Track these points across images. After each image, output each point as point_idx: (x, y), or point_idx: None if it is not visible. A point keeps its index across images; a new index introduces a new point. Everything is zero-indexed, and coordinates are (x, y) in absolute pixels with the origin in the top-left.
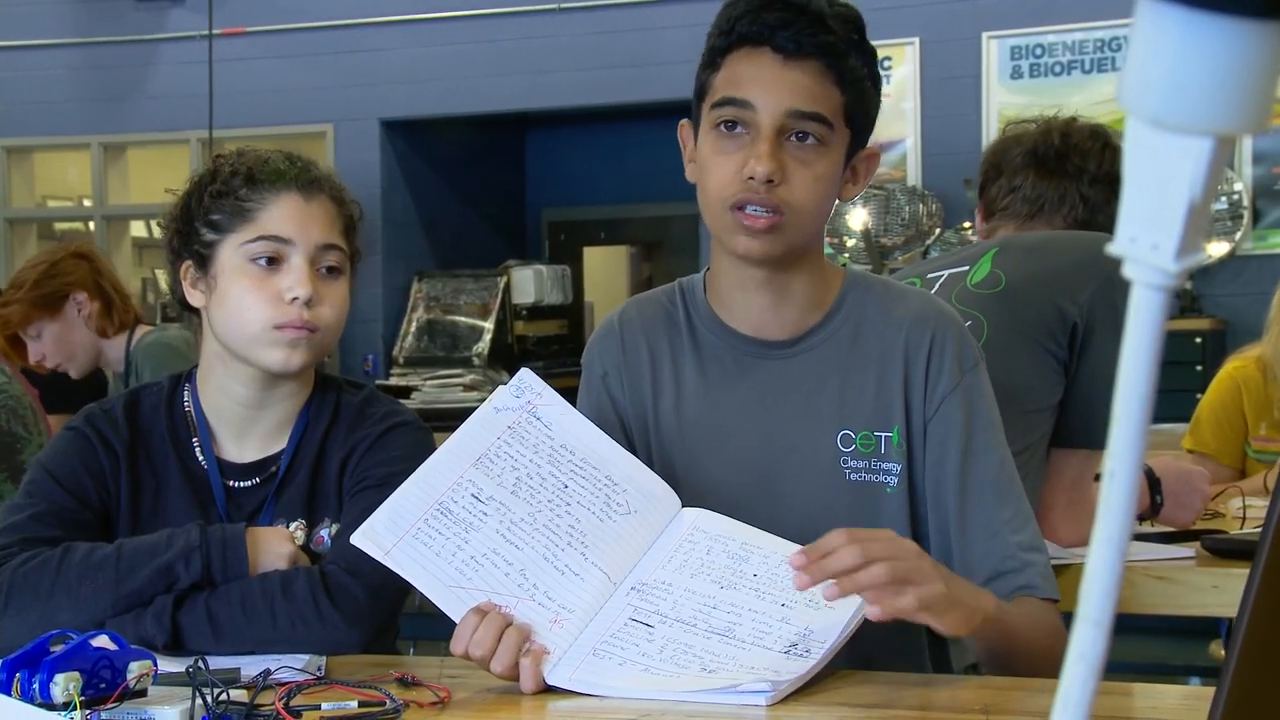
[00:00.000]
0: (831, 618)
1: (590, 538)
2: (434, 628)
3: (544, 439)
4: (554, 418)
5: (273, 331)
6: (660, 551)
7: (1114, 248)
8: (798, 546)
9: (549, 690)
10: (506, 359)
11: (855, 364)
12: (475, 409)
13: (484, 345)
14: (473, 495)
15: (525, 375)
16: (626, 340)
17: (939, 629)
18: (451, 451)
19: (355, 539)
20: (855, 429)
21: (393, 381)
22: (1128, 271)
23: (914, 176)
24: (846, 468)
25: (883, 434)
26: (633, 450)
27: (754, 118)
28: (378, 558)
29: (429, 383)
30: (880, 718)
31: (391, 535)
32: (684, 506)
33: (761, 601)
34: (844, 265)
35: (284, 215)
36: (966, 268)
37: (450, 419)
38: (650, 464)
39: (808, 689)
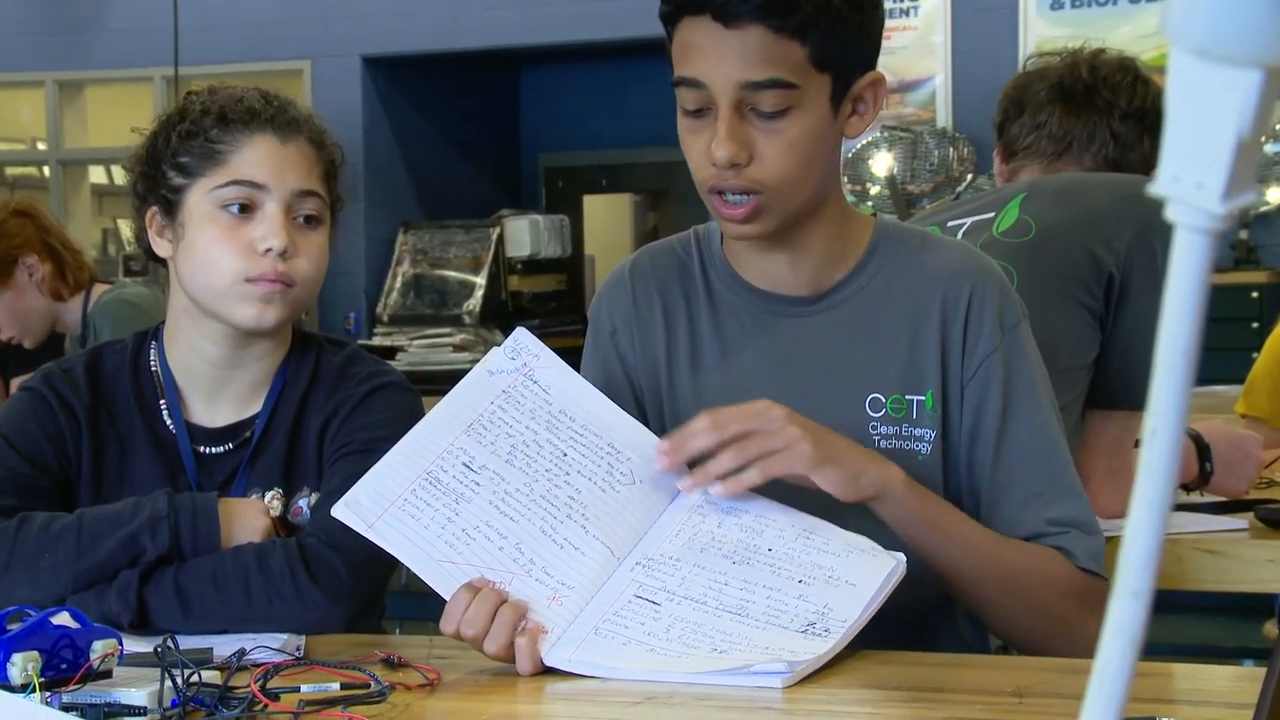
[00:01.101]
0: (852, 595)
1: (591, 509)
2: (422, 606)
3: (541, 404)
4: (552, 380)
5: (245, 285)
6: (667, 525)
7: (1155, 188)
8: (819, 522)
9: (546, 672)
10: (500, 317)
11: (886, 322)
12: (466, 371)
13: (475, 302)
14: (464, 464)
15: (521, 335)
16: (638, 293)
17: (825, 488)
18: (441, 417)
19: (336, 511)
20: (885, 392)
21: (376, 341)
22: (1170, 213)
23: (943, 117)
24: (875, 434)
25: (915, 398)
26: (643, 415)
27: (708, 96)
28: (361, 531)
29: (416, 343)
30: (905, 701)
31: (376, 507)
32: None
33: (777, 578)
34: (873, 214)
35: (258, 159)
36: (992, 214)
37: (439, 381)
38: (662, 430)
39: (826, 670)
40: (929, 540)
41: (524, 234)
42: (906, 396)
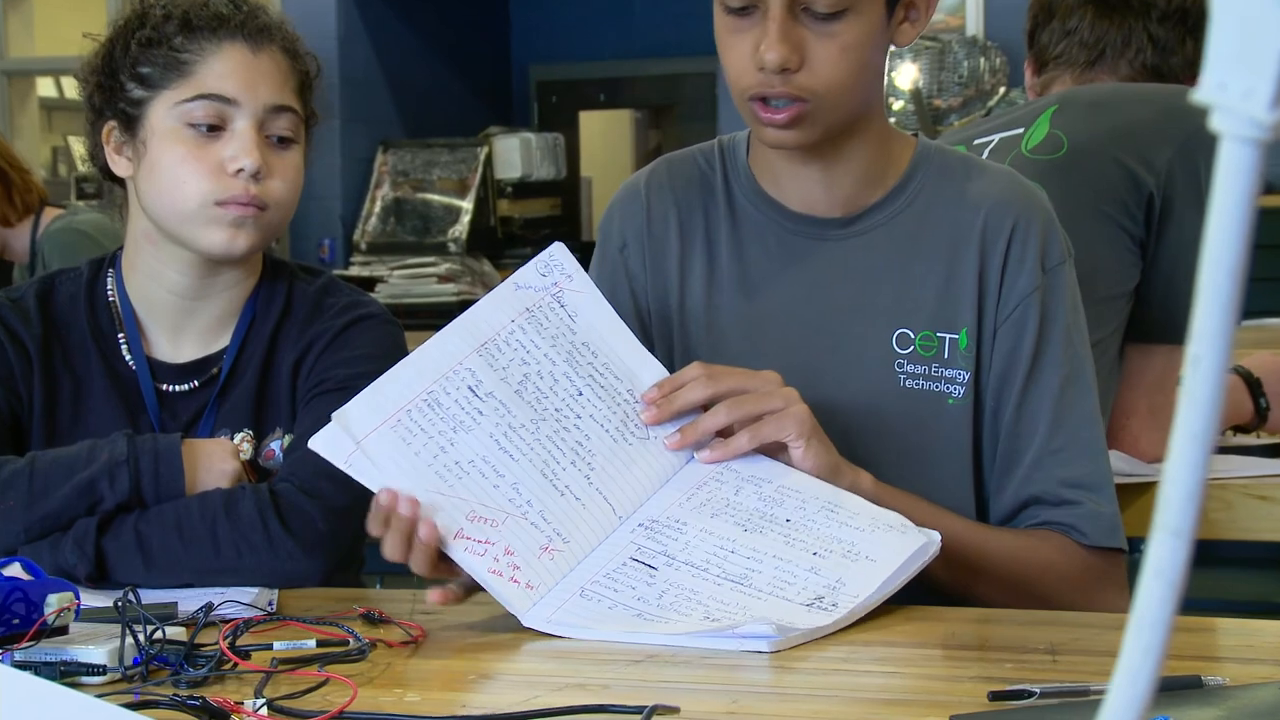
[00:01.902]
0: (870, 570)
1: (599, 459)
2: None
3: (564, 331)
4: (580, 307)
5: (214, 208)
6: (679, 487)
7: (1199, 95)
8: (848, 496)
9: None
10: (488, 245)
11: (921, 251)
12: (452, 304)
13: (461, 229)
14: (469, 388)
15: (558, 250)
16: (653, 207)
17: (804, 466)
18: (454, 331)
19: (323, 435)
20: (915, 328)
21: (353, 272)
22: (1215, 123)
23: (974, 25)
24: (902, 373)
25: (947, 336)
26: (649, 341)
27: None
28: (339, 463)
29: (396, 273)
30: (929, 660)
31: (366, 424)
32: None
33: (790, 549)
34: (915, 134)
35: (227, 70)
36: (1021, 130)
37: (422, 315)
38: (670, 358)
39: (859, 624)
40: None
41: (514, 154)
42: (938, 334)
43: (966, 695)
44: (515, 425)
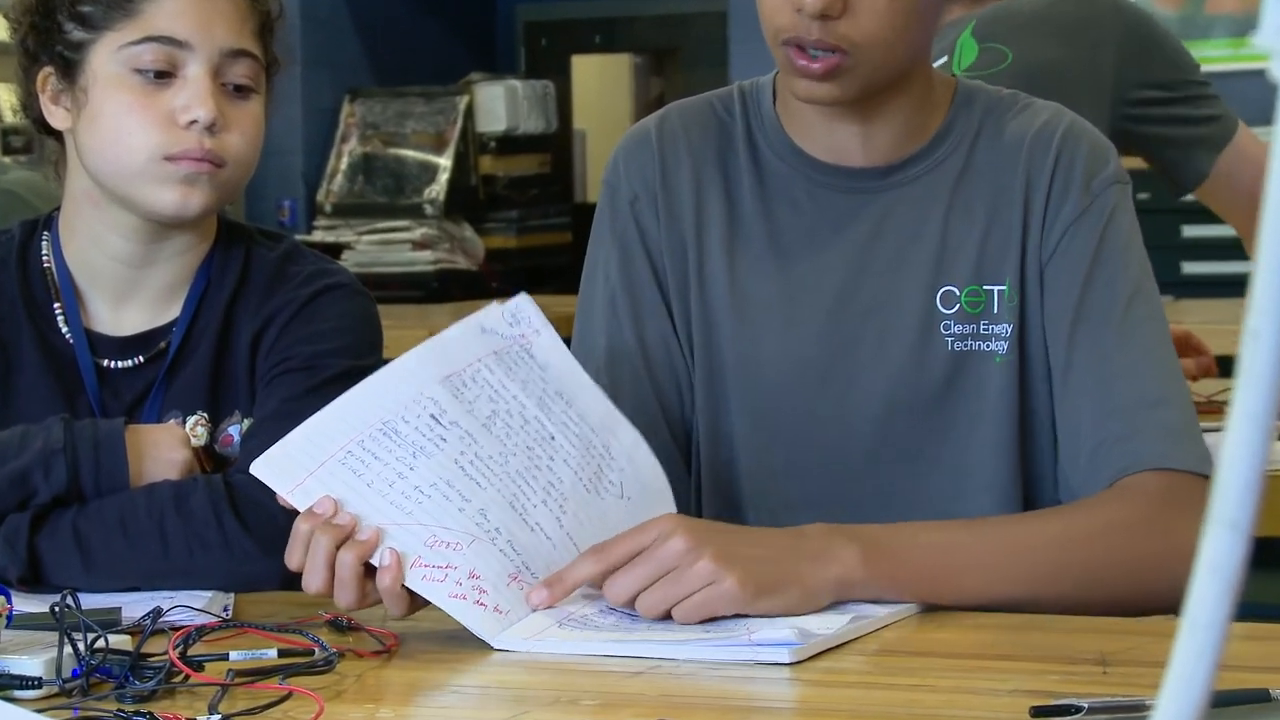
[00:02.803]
0: None
1: (572, 505)
2: None
3: (535, 378)
4: (551, 360)
5: (163, 164)
6: None
7: (1260, 40)
8: None
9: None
10: (469, 207)
11: (963, 199)
12: (427, 273)
13: (439, 189)
14: (431, 416)
15: (523, 303)
16: (666, 157)
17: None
18: (417, 357)
19: (267, 462)
20: (960, 284)
21: (317, 237)
22: (1274, 72)
23: None
24: (948, 334)
25: (993, 288)
26: (667, 307)
27: None
28: (281, 491)
29: (366, 238)
30: (964, 672)
31: (315, 453)
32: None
33: None
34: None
35: (179, 9)
36: (945, 59)
37: (394, 286)
38: (689, 329)
39: (879, 630)
40: (936, 591)
41: (498, 104)
42: (984, 287)
43: (1005, 711)
44: (483, 455)
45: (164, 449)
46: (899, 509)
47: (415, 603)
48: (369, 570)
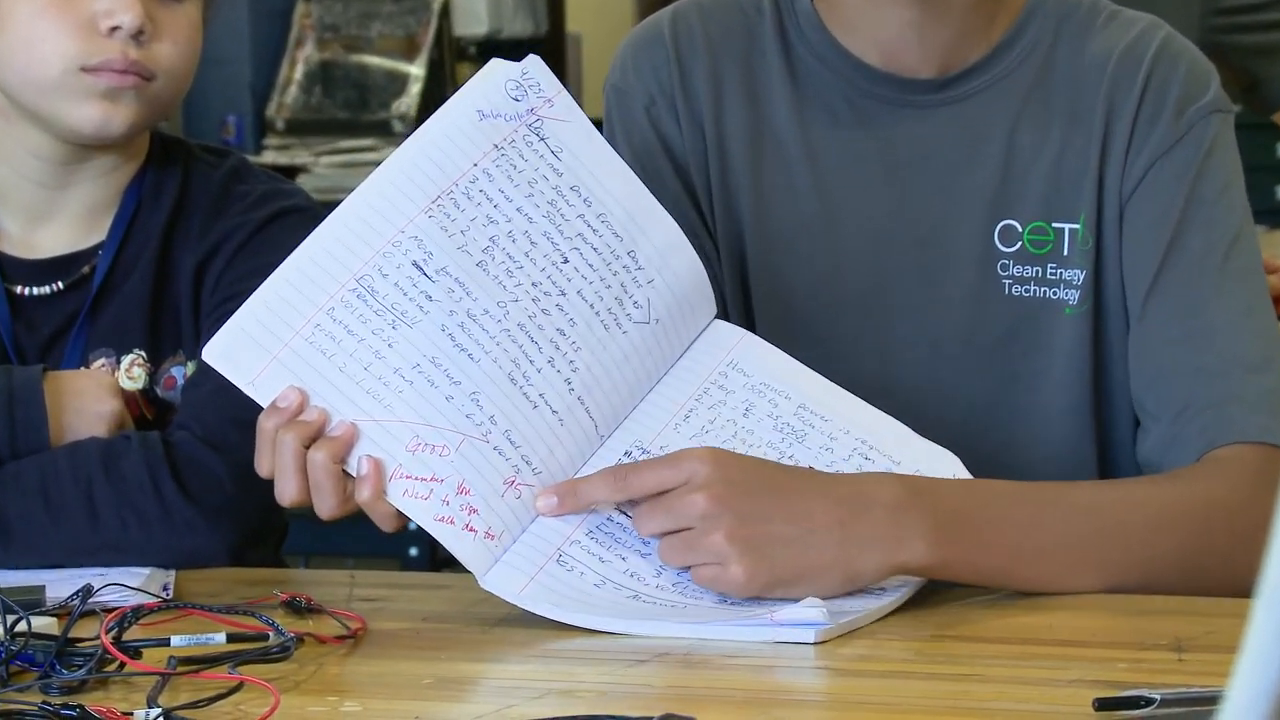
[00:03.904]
0: None
1: (584, 356)
2: (339, 536)
3: (546, 171)
4: (567, 139)
5: (81, 77)
6: (672, 398)
7: None
8: (891, 426)
9: (516, 615)
10: None
11: (1032, 120)
12: None
13: (409, 102)
14: (415, 264)
15: (533, 66)
16: (683, 57)
17: None
18: (396, 174)
19: (221, 344)
20: (1024, 218)
21: (268, 158)
22: None
23: None
24: (1007, 277)
25: (1064, 226)
26: (706, 228)
27: None
28: (241, 381)
29: (325, 160)
30: (1017, 659)
31: (279, 330)
32: (741, 327)
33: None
34: None
35: None
36: None
37: None
38: (706, 256)
39: (903, 617)
40: (1011, 577)
41: (479, 3)
42: (1053, 225)
43: (1066, 703)
44: (476, 312)
45: (90, 399)
46: None
47: (403, 516)
48: (347, 472)
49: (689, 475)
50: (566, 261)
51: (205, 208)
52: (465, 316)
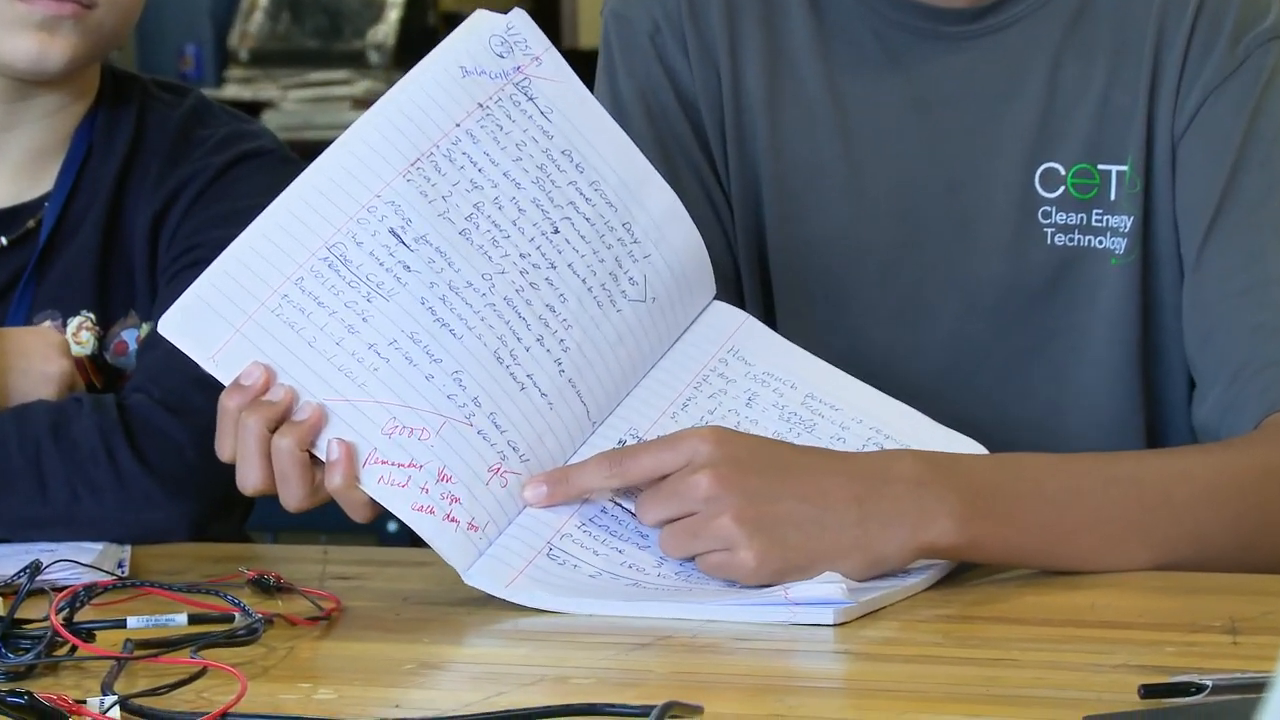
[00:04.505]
0: None
1: (576, 334)
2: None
3: (535, 134)
4: (557, 99)
5: (14, 5)
6: (669, 384)
7: None
8: (907, 414)
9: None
10: (426, 54)
11: (1075, 53)
12: None
13: (387, 30)
14: (393, 231)
15: (518, 20)
16: None
17: None
18: (371, 133)
19: (178, 316)
20: (1067, 161)
21: (229, 93)
22: None
23: None
24: (1049, 225)
25: (1111, 168)
26: (711, 169)
27: None
28: (201, 357)
29: (293, 94)
30: (1056, 642)
31: (242, 300)
32: (740, 308)
33: None
34: None
35: None
36: None
37: None
38: (726, 180)
39: (930, 599)
40: (1050, 555)
41: None
42: (1098, 167)
43: (1108, 690)
44: (459, 285)
45: (36, 359)
46: (983, 440)
47: (377, 505)
48: (317, 457)
49: (690, 456)
50: (557, 232)
51: (162, 153)
52: (447, 289)
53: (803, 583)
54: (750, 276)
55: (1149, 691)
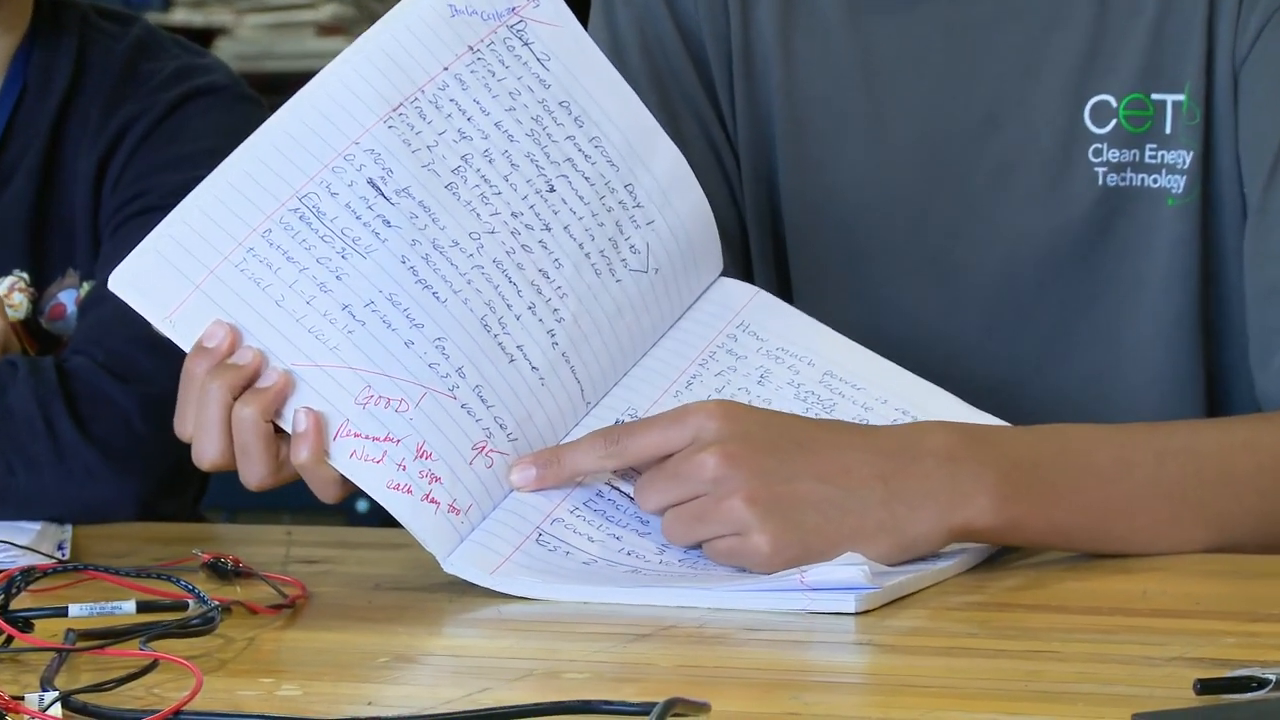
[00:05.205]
0: None
1: (572, 303)
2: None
3: (530, 82)
4: (556, 47)
5: None
6: (672, 362)
7: None
8: (929, 391)
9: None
10: None
11: None
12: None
13: None
14: (371, 182)
15: None
16: None
17: None
18: (349, 74)
19: (129, 271)
20: (1119, 91)
21: (179, 18)
22: None
23: None
24: (1100, 164)
25: (1166, 97)
26: (714, 110)
27: None
28: (155, 318)
29: (250, 20)
30: (1102, 634)
31: (202, 252)
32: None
33: None
34: None
35: None
36: None
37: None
38: (733, 128)
39: (960, 585)
40: (1098, 538)
41: None
42: (1153, 97)
43: (1162, 685)
44: (444, 244)
45: None
46: (1026, 407)
47: (348, 484)
48: (282, 430)
49: (695, 433)
50: (553, 190)
51: (105, 92)
52: (430, 247)
53: (820, 565)
54: (760, 233)
55: (1205, 687)
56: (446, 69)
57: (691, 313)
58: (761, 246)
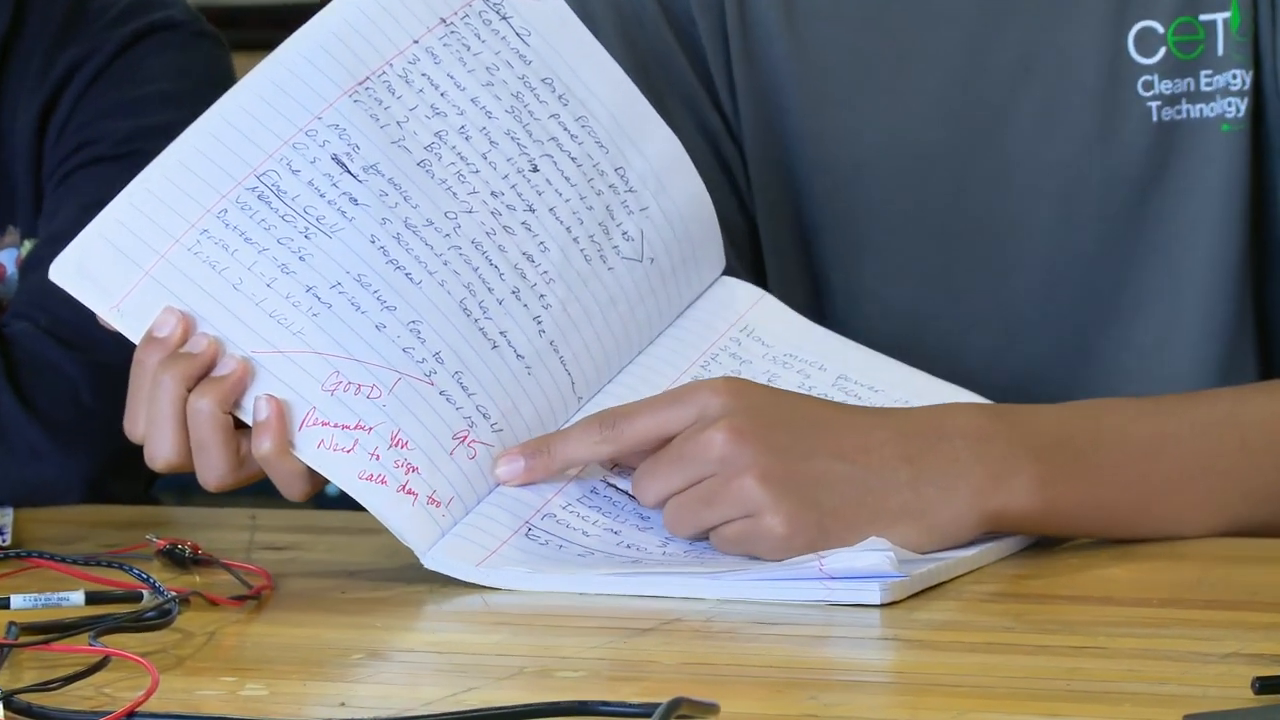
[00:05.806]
0: None
1: (560, 291)
2: None
3: (509, 57)
4: (536, 20)
5: None
6: (671, 362)
7: None
8: (938, 387)
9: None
10: None
11: None
12: (310, 5)
13: None
14: (334, 158)
15: None
16: None
17: None
18: (309, 47)
19: (72, 258)
20: (1164, 16)
21: None
22: None
23: None
24: (1150, 98)
25: (1213, 17)
26: (705, 87)
27: None
28: (100, 308)
29: None
30: (1162, 626)
31: (151, 235)
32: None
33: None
34: None
35: None
36: None
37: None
38: (736, 112)
39: (1022, 561)
40: (1138, 519)
41: None
42: (1200, 18)
43: (1216, 684)
44: (417, 223)
45: None
46: (1068, 372)
47: (316, 478)
48: (243, 424)
49: (699, 411)
50: (536, 170)
51: (50, 32)
52: (402, 226)
53: (841, 550)
54: (774, 224)
55: (1265, 685)
56: (417, 42)
57: (692, 311)
58: (776, 239)
